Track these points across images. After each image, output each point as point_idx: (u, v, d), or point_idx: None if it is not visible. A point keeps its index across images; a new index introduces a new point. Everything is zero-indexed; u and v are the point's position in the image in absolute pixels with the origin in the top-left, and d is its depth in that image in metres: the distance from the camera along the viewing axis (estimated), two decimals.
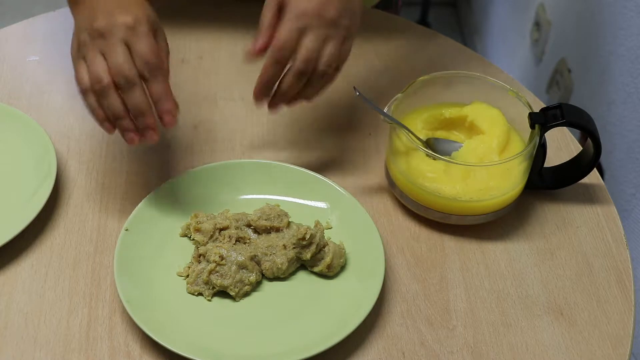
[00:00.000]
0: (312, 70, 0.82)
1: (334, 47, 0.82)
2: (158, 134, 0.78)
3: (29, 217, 0.84)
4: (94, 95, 0.78)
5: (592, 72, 1.45)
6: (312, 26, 0.81)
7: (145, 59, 0.77)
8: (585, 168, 0.89)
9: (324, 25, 0.81)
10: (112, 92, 0.77)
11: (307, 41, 0.81)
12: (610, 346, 0.80)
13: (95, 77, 0.77)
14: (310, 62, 0.82)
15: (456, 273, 0.85)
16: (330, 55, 0.82)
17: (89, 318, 0.80)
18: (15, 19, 1.15)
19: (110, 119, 0.78)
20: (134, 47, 0.77)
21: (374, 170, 0.95)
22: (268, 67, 0.82)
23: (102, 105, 0.78)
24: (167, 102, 0.78)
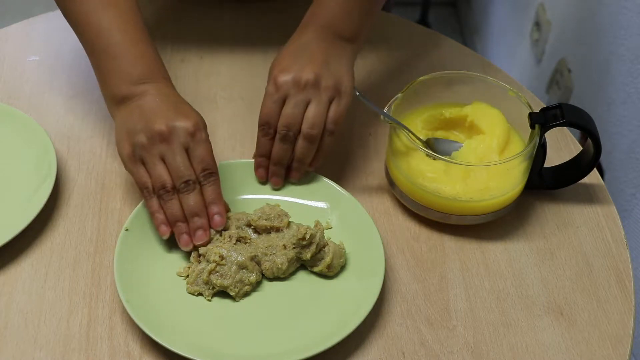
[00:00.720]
0: (297, 133, 0.86)
1: (317, 108, 0.85)
2: (208, 235, 0.82)
3: (29, 217, 0.84)
4: (157, 198, 0.81)
5: (592, 72, 1.45)
6: (291, 94, 0.85)
7: (204, 164, 0.81)
8: (585, 168, 0.89)
9: (302, 90, 0.85)
10: (174, 197, 0.81)
11: (286, 109, 0.85)
12: (610, 346, 0.80)
13: (159, 182, 0.80)
14: (290, 127, 0.85)
15: (456, 273, 0.85)
16: (313, 117, 0.85)
17: (89, 318, 0.80)
18: (15, 19, 1.15)
19: (169, 221, 0.82)
20: (194, 153, 0.81)
21: (374, 170, 0.95)
22: (258, 142, 0.88)
23: (163, 208, 0.81)
24: (219, 205, 0.82)
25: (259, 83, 1.04)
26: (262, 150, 0.88)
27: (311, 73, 0.84)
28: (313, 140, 0.86)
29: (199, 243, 0.81)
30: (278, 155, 0.87)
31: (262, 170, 0.89)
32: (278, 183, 0.89)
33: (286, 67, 0.85)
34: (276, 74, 0.85)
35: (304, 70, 0.84)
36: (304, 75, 0.84)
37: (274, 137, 0.87)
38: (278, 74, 0.85)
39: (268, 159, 0.88)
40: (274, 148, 0.87)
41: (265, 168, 0.89)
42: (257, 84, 1.03)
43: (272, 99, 0.85)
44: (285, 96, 0.85)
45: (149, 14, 1.12)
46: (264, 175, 0.89)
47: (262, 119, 0.86)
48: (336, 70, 0.86)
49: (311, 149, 0.87)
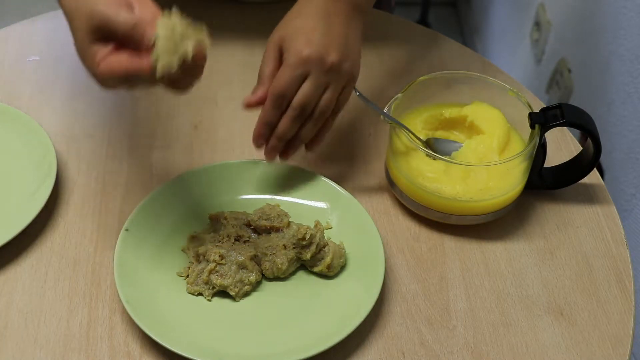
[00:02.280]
0: (309, 114, 0.84)
1: (333, 93, 0.84)
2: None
3: (29, 217, 0.84)
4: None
5: (592, 72, 1.45)
6: (313, 72, 0.82)
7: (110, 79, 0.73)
8: (585, 168, 0.89)
9: (325, 71, 0.82)
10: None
11: (306, 87, 0.82)
12: (610, 346, 0.80)
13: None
14: (305, 107, 0.83)
15: (456, 273, 0.85)
16: (328, 101, 0.84)
17: (89, 318, 0.80)
18: (15, 19, 1.15)
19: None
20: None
21: (374, 170, 0.95)
22: (267, 111, 0.84)
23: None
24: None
25: None
26: (269, 119, 0.84)
27: (336, 55, 0.82)
28: (320, 122, 0.85)
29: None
30: (284, 131, 0.84)
31: (263, 140, 0.86)
32: (273, 158, 0.87)
33: (311, 40, 0.82)
34: (300, 46, 0.81)
35: (330, 51, 0.82)
36: (330, 57, 0.82)
37: (284, 112, 0.84)
38: (303, 47, 0.81)
39: (271, 130, 0.85)
40: (282, 123, 0.84)
41: (266, 138, 0.85)
42: None
43: (294, 73, 0.81)
44: (306, 73, 0.82)
45: None
46: (263, 145, 0.86)
47: (279, 90, 0.82)
48: (353, 51, 0.84)
49: (315, 129, 0.86)
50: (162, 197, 0.87)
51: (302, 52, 0.81)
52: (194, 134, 0.98)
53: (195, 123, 0.99)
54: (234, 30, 1.11)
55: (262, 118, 0.84)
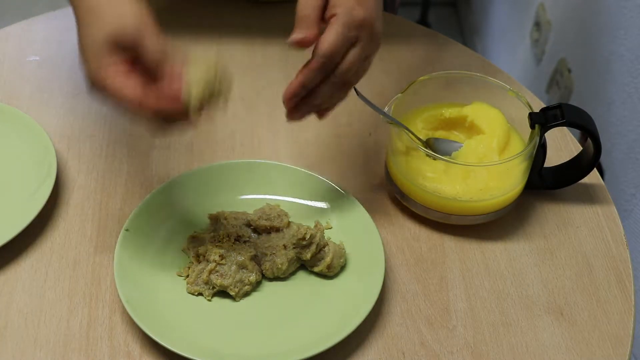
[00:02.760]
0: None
1: (369, 63, 0.79)
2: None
3: (29, 217, 0.84)
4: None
5: (592, 72, 1.45)
6: (363, 39, 0.76)
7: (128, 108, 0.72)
8: (585, 168, 0.89)
9: (372, 40, 0.77)
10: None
11: (353, 56, 0.76)
12: (610, 346, 0.80)
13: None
14: (349, 77, 0.78)
15: (456, 273, 0.85)
16: (363, 71, 0.79)
17: (89, 318, 0.80)
18: (15, 19, 1.15)
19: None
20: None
21: (374, 170, 0.95)
22: (312, 72, 0.75)
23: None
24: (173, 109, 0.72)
25: (259, 83, 1.04)
26: (311, 81, 0.76)
27: (380, 24, 0.77)
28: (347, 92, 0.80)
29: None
30: (323, 100, 0.78)
31: (295, 101, 0.77)
32: (296, 120, 0.79)
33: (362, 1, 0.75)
34: (356, 6, 0.74)
35: (379, 19, 0.76)
36: (378, 25, 0.76)
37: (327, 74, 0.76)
38: (358, 7, 0.74)
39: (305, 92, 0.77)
40: (323, 90, 0.77)
41: (299, 99, 0.77)
42: (257, 84, 1.04)
43: (348, 34, 0.74)
44: (358, 37, 0.75)
45: None
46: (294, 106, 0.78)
47: (330, 50, 0.74)
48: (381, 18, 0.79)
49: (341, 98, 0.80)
50: (162, 197, 0.87)
51: (358, 13, 0.74)
52: (194, 134, 0.98)
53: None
54: (235, 30, 1.11)
55: (302, 77, 0.76)
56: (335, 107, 0.81)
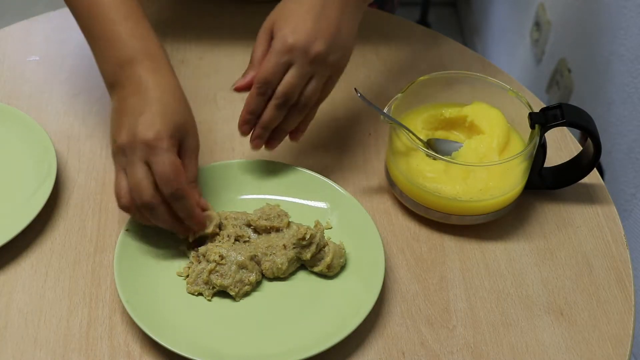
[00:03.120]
0: (293, 104, 0.84)
1: (317, 83, 0.84)
2: (201, 225, 0.82)
3: (29, 217, 0.84)
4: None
5: (592, 72, 1.45)
6: (297, 62, 0.82)
7: (164, 180, 0.77)
8: (585, 168, 0.89)
9: (309, 61, 0.82)
10: (134, 210, 0.79)
11: (289, 77, 0.82)
12: (610, 346, 0.80)
13: (116, 194, 0.79)
14: (289, 97, 0.83)
15: (456, 273, 0.85)
16: (311, 92, 0.84)
17: (89, 318, 0.80)
18: (15, 19, 1.15)
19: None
20: (154, 168, 0.77)
21: (374, 170, 0.95)
22: (251, 99, 0.84)
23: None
24: (193, 218, 0.80)
25: None
26: (254, 107, 0.84)
27: (322, 46, 0.81)
28: (303, 112, 0.85)
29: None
30: (269, 119, 0.84)
31: (247, 127, 0.86)
32: (258, 146, 0.87)
33: (299, 28, 0.81)
34: (287, 33, 0.81)
35: (317, 41, 0.81)
36: (316, 46, 0.81)
37: (269, 100, 0.84)
38: (290, 34, 0.81)
39: (256, 118, 0.85)
40: (267, 111, 0.84)
41: (251, 126, 0.86)
42: None
43: (279, 60, 0.81)
44: (291, 61, 0.81)
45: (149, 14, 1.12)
46: (248, 132, 0.86)
47: (264, 77, 0.82)
48: (344, 41, 0.83)
49: (299, 119, 0.86)
50: None
51: (288, 39, 0.81)
52: None
53: None
54: (235, 30, 1.11)
55: (247, 105, 0.85)
56: (304, 128, 0.88)
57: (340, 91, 1.02)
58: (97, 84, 1.02)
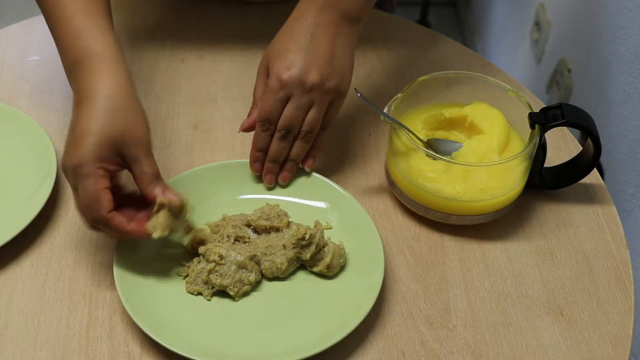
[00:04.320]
0: (296, 134, 0.86)
1: (318, 111, 0.85)
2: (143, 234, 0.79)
3: (29, 217, 0.84)
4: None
5: (592, 72, 1.45)
6: (294, 95, 0.84)
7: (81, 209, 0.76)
8: (585, 168, 0.89)
9: (306, 92, 0.84)
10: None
11: (288, 110, 0.85)
12: (610, 346, 0.80)
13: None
14: (290, 129, 0.85)
15: (456, 273, 0.85)
16: (313, 120, 0.85)
17: (89, 318, 0.80)
18: (15, 19, 1.15)
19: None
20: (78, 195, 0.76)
21: (374, 170, 0.95)
22: (257, 137, 0.87)
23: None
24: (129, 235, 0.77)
25: None
26: (261, 145, 0.87)
27: (317, 75, 0.83)
28: (309, 140, 0.87)
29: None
30: (275, 153, 0.87)
31: (259, 165, 0.89)
32: (272, 181, 0.89)
33: (291, 62, 0.83)
34: (281, 70, 0.83)
35: (311, 71, 0.83)
36: (310, 77, 0.83)
37: (273, 134, 0.86)
38: (283, 70, 0.83)
39: (265, 154, 0.88)
40: (272, 146, 0.87)
41: (262, 163, 0.89)
42: None
43: (276, 97, 0.84)
44: (288, 95, 0.84)
45: (149, 14, 1.13)
46: (260, 170, 0.89)
47: (264, 115, 0.85)
48: (340, 66, 0.85)
49: (306, 147, 0.88)
50: None
51: (282, 75, 0.83)
52: (194, 134, 0.98)
53: (195, 123, 0.99)
54: (235, 30, 1.11)
55: (254, 144, 0.88)
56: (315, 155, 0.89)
57: None
58: None
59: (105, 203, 0.75)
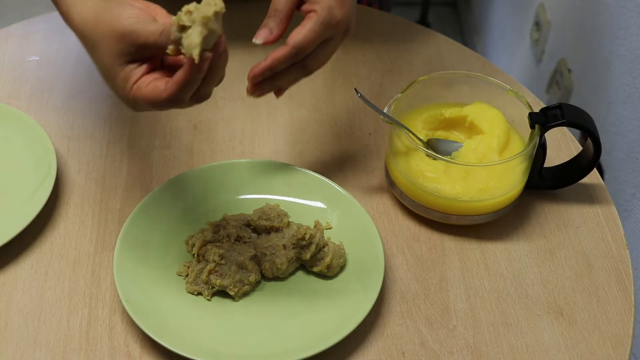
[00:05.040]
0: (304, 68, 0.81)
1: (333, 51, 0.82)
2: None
3: (29, 217, 0.84)
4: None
5: (592, 72, 1.45)
6: (336, 38, 0.80)
7: (153, 105, 0.72)
8: (585, 168, 0.89)
9: (343, 38, 0.81)
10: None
11: (327, 51, 0.80)
12: (610, 346, 0.80)
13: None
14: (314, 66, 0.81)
15: (456, 273, 0.85)
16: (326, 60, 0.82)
17: (89, 318, 0.80)
18: (15, 19, 1.15)
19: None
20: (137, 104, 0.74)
21: (374, 170, 0.95)
22: (282, 59, 0.78)
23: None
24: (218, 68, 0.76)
25: None
26: (277, 67, 0.79)
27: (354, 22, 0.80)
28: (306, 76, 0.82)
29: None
30: (287, 81, 0.81)
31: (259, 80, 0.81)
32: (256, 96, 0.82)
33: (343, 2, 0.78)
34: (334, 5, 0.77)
35: (353, 18, 0.79)
36: (352, 24, 0.80)
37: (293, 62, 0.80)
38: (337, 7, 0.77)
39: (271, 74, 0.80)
40: (289, 73, 0.80)
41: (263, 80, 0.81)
42: None
43: (322, 33, 0.77)
44: (330, 38, 0.79)
45: None
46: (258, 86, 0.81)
47: (302, 44, 0.77)
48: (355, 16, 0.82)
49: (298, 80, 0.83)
50: (162, 197, 0.87)
51: (337, 14, 0.78)
52: (194, 134, 0.98)
53: (195, 123, 0.99)
54: (235, 30, 1.11)
55: (272, 63, 0.79)
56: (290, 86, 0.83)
57: (341, 91, 1.02)
58: (97, 83, 1.02)
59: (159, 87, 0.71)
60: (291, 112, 1.00)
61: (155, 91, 0.71)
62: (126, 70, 0.72)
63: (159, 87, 0.71)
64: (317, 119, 1.00)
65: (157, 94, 0.71)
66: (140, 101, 0.72)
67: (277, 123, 0.99)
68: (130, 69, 0.72)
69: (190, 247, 0.84)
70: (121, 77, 0.72)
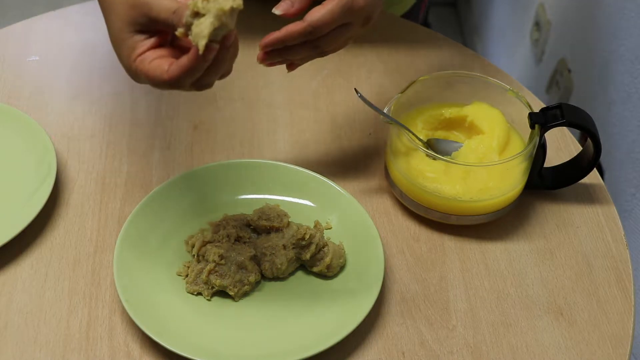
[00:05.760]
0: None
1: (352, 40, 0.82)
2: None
3: (29, 217, 0.84)
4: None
5: (592, 72, 1.45)
6: (355, 25, 0.79)
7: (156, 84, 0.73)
8: (585, 168, 0.89)
9: (362, 26, 0.80)
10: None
11: (344, 35, 0.79)
12: (610, 346, 0.80)
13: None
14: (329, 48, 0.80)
15: (456, 273, 0.85)
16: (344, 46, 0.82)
17: (89, 318, 0.80)
18: (15, 19, 1.15)
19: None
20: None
21: (374, 170, 0.95)
22: (295, 34, 0.77)
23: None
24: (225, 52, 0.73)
25: (258, 83, 1.04)
26: (289, 41, 0.77)
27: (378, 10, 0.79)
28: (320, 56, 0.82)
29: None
30: (299, 58, 0.80)
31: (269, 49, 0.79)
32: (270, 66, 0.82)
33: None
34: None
35: (377, 6, 0.79)
36: (374, 10, 0.79)
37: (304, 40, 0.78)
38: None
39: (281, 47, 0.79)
40: (301, 50, 0.79)
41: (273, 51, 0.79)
42: (257, 84, 1.04)
43: (342, 17, 0.76)
44: (350, 23, 0.78)
45: None
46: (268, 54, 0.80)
47: (319, 24, 0.76)
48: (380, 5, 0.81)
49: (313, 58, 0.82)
50: (162, 197, 0.87)
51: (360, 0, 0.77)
52: (194, 134, 0.98)
53: (195, 123, 0.99)
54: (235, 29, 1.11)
55: (285, 36, 0.77)
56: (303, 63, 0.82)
57: (341, 91, 1.02)
58: (97, 84, 1.02)
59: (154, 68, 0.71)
60: (291, 112, 1.00)
61: (158, 70, 0.71)
62: (134, 39, 0.73)
63: (162, 67, 0.71)
64: (317, 119, 1.00)
65: (158, 73, 0.71)
66: (142, 75, 0.72)
67: (277, 123, 0.99)
68: (137, 39, 0.73)
69: (190, 247, 0.84)
70: (128, 44, 0.73)
